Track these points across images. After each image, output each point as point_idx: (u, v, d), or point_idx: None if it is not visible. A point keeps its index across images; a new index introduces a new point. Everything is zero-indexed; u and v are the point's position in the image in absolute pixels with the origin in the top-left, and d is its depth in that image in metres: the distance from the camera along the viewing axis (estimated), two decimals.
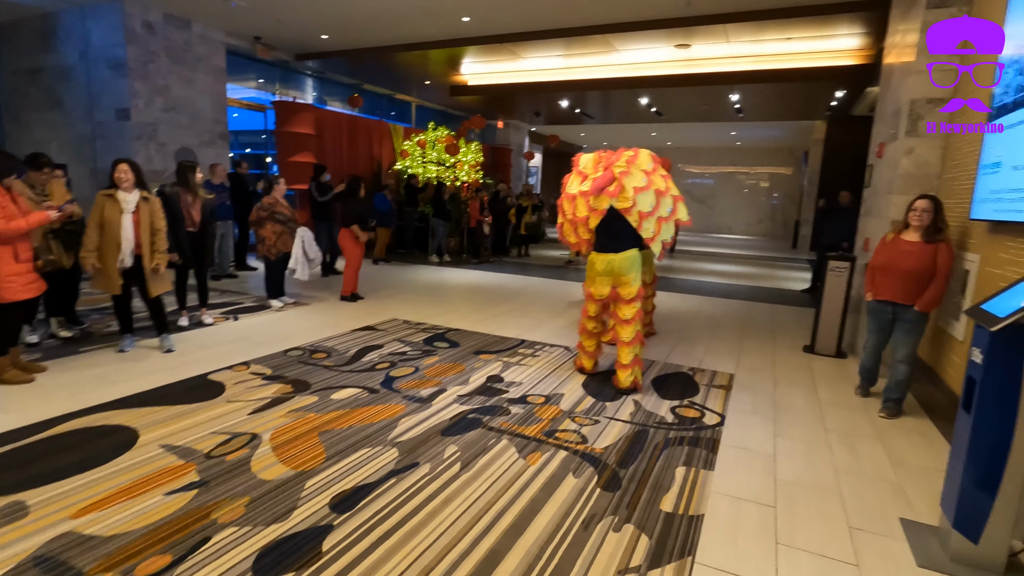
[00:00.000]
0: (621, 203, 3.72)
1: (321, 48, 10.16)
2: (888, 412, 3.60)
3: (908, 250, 3.47)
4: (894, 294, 3.53)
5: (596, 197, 3.78)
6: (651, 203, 3.71)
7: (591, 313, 4.04)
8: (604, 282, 3.84)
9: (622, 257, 3.75)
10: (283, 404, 3.33)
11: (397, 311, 6.05)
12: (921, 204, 3.46)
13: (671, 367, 4.45)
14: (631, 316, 3.80)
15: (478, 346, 4.81)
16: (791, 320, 6.50)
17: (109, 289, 3.97)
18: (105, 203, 3.87)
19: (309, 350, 4.48)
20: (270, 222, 5.71)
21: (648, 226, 3.73)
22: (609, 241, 3.80)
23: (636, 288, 3.79)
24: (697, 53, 9.22)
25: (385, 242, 9.68)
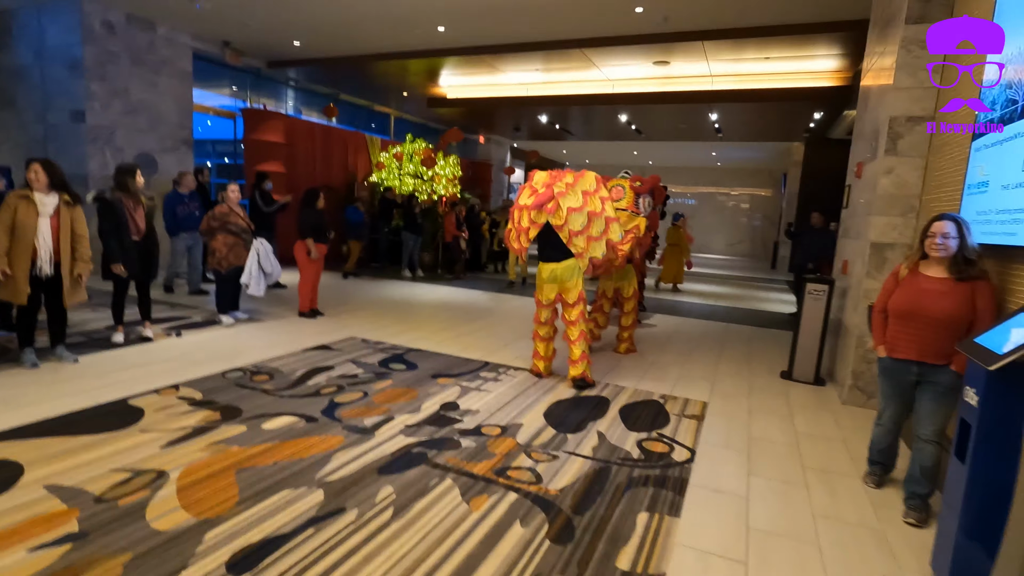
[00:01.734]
0: (555, 220, 4.12)
1: (294, 56, 9.89)
2: (916, 516, 2.55)
3: (934, 289, 2.53)
4: (921, 350, 2.57)
5: (537, 212, 4.17)
6: (582, 223, 4.09)
7: (542, 319, 4.39)
8: (550, 288, 4.28)
9: (563, 266, 4.19)
10: (205, 435, 2.97)
11: (357, 329, 5.71)
12: (940, 227, 2.51)
13: (642, 394, 4.17)
14: (575, 317, 4.23)
15: (437, 369, 4.48)
16: (768, 343, 6.30)
17: (15, 299, 3.59)
18: (19, 205, 3.51)
19: (251, 371, 4.12)
20: (221, 233, 5.36)
21: (578, 243, 4.12)
22: (551, 251, 4.23)
23: (577, 293, 4.21)
24: (676, 71, 9.14)
25: (356, 256, 9.33)
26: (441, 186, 11.83)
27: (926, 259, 2.62)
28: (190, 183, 7.10)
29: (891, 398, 2.79)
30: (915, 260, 2.67)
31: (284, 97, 12.38)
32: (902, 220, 3.97)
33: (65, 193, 3.71)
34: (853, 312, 4.32)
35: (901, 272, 2.72)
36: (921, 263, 2.65)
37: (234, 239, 5.39)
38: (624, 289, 5.35)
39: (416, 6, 7.02)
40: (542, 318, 4.37)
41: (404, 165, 11.59)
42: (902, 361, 2.67)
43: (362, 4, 7.08)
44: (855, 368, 4.17)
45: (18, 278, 3.53)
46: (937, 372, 2.55)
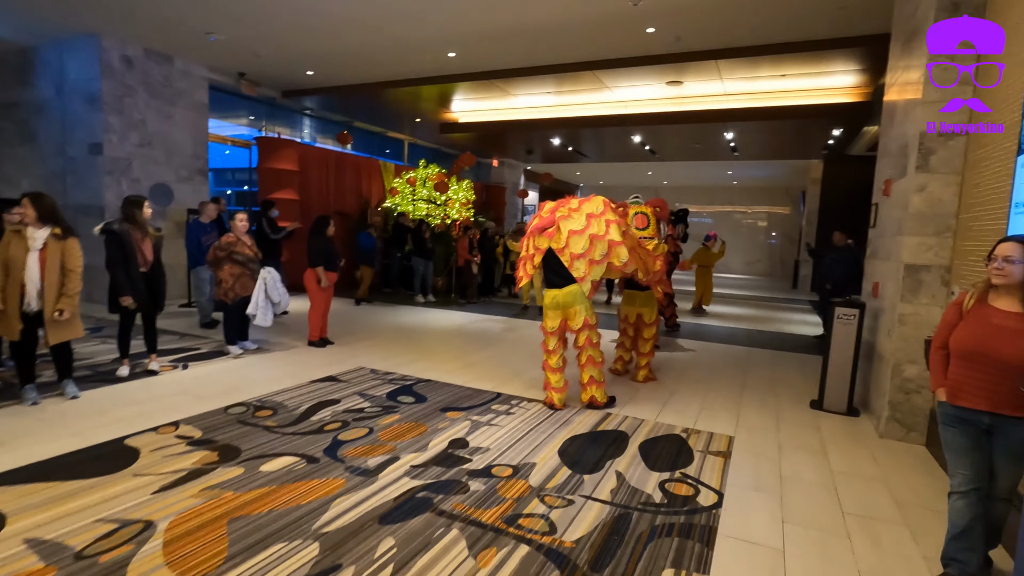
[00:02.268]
0: (556, 244, 4.17)
1: (307, 85, 10.00)
2: None
3: (1006, 326, 2.10)
4: (993, 399, 2.11)
5: (537, 237, 4.25)
6: (583, 246, 4.08)
7: (549, 347, 4.31)
8: (554, 315, 4.23)
9: (565, 292, 4.15)
10: (200, 479, 2.82)
11: (367, 358, 5.57)
12: (1004, 250, 2.13)
13: (662, 428, 3.94)
14: (582, 343, 4.22)
15: (447, 401, 4.30)
16: (794, 368, 6.01)
17: (8, 335, 3.52)
18: (12, 240, 3.46)
19: (255, 406, 3.98)
20: (228, 263, 5.29)
21: (579, 266, 4.11)
22: (554, 277, 4.23)
23: (582, 319, 4.15)
24: (690, 91, 9.03)
25: (368, 282, 9.25)
26: (454, 210, 11.79)
27: (996, 289, 2.19)
28: (212, 212, 7.10)
29: (962, 454, 2.22)
30: (983, 289, 2.23)
31: (300, 125, 12.54)
32: (937, 240, 3.73)
33: (56, 226, 3.66)
34: (887, 338, 4.05)
35: (966, 303, 2.25)
36: (991, 293, 2.21)
37: (240, 269, 5.31)
38: (645, 315, 5.18)
39: (426, 33, 7.03)
40: (549, 346, 4.31)
41: (417, 190, 11.58)
42: (969, 410, 2.19)
43: (372, 33, 7.12)
44: (892, 398, 3.90)
45: (10, 314, 3.47)
46: (1014, 425, 2.10)
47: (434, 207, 11.58)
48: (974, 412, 2.17)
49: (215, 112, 11.59)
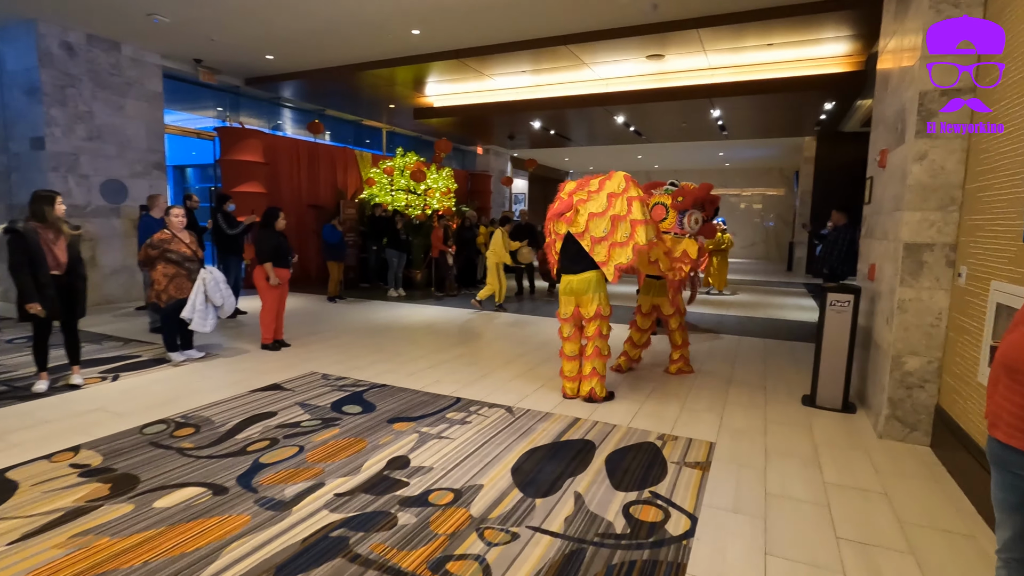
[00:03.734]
0: (574, 228, 3.97)
1: (270, 71, 9.47)
2: None
3: None
4: None
5: (555, 222, 4.09)
6: (605, 228, 3.86)
7: (565, 334, 4.15)
8: (567, 302, 4.08)
9: (580, 279, 3.97)
10: (76, 521, 2.38)
11: (322, 362, 5.13)
12: None
13: (635, 435, 3.51)
14: (591, 333, 4.02)
15: (397, 410, 3.87)
16: (787, 359, 5.58)
17: None
18: None
19: (176, 423, 3.54)
20: (161, 262, 4.82)
21: (600, 250, 3.89)
22: (569, 263, 4.04)
23: (594, 308, 3.95)
24: (672, 65, 8.53)
25: (337, 278, 8.78)
26: (435, 200, 11.30)
27: None
28: (164, 206, 6.60)
29: (1003, 508, 1.55)
30: None
31: (273, 116, 11.99)
32: (940, 215, 3.28)
33: None
34: (886, 326, 3.62)
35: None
36: None
37: (175, 269, 4.84)
38: (663, 306, 4.79)
39: (382, 9, 6.51)
40: (564, 333, 4.16)
41: (395, 180, 11.08)
42: (1008, 448, 1.49)
43: (325, 10, 6.60)
44: (892, 395, 3.47)
45: None
46: None
47: (414, 197, 11.09)
48: (1013, 451, 1.48)
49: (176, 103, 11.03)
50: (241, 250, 7.32)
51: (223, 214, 7.17)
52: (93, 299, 7.86)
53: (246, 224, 7.19)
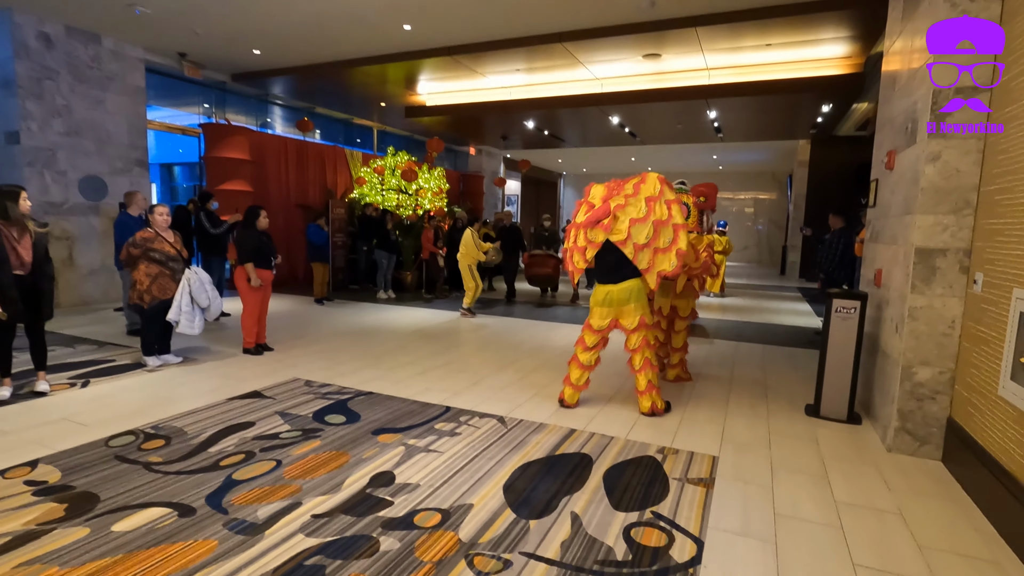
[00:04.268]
0: (615, 236, 3.72)
1: (257, 66, 9.22)
2: None
3: None
4: None
5: (591, 229, 3.78)
6: (648, 234, 3.66)
7: (588, 344, 3.91)
8: (603, 313, 3.84)
9: (620, 288, 3.77)
10: (23, 548, 2.16)
11: (306, 367, 4.91)
12: None
13: (634, 447, 3.33)
14: (637, 344, 3.81)
15: (383, 420, 3.66)
16: (785, 365, 5.44)
17: None
18: None
19: (146, 435, 3.32)
20: (144, 261, 4.59)
21: (643, 257, 3.70)
22: (608, 273, 3.83)
23: (637, 318, 3.77)
24: (669, 66, 8.39)
25: (323, 280, 8.55)
26: (427, 200, 11.09)
27: None
28: (142, 204, 6.34)
29: None
30: None
31: (262, 113, 11.73)
32: (954, 219, 3.13)
33: None
34: (895, 335, 3.47)
35: None
36: None
37: (158, 268, 4.62)
38: (681, 308, 4.68)
39: (372, 3, 6.32)
40: (588, 343, 3.91)
41: (386, 180, 10.86)
42: None
43: (312, 4, 6.39)
44: (902, 406, 3.32)
45: None
46: None
47: (405, 197, 10.87)
48: None
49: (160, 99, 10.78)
50: (225, 250, 7.07)
51: (206, 213, 6.93)
52: (70, 300, 7.61)
53: (230, 223, 6.95)
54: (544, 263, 9.20)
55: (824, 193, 13.73)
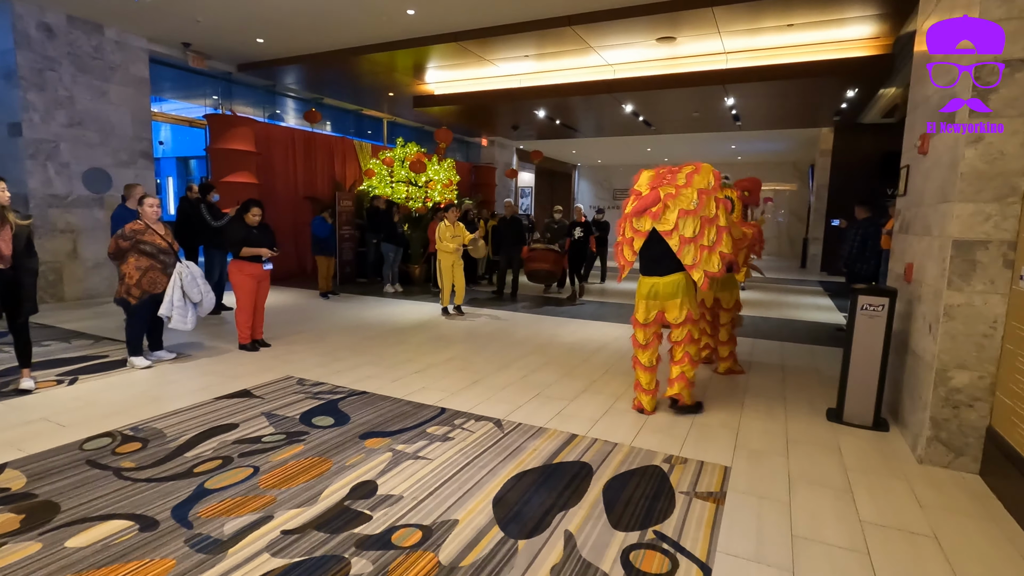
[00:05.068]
0: (662, 226, 3.54)
1: (262, 56, 9.07)
2: None
3: None
4: None
5: (639, 218, 3.62)
6: (695, 229, 3.47)
7: (640, 341, 3.72)
8: (649, 306, 3.65)
9: (667, 281, 3.59)
10: None
11: (301, 364, 4.74)
12: None
13: (639, 456, 3.08)
14: (681, 338, 3.67)
15: (373, 423, 3.47)
16: (806, 365, 5.13)
17: None
18: None
19: (123, 437, 3.17)
20: (133, 254, 4.45)
21: (688, 252, 3.49)
22: (653, 264, 3.64)
23: (684, 313, 3.59)
24: (684, 50, 8.04)
25: (328, 273, 8.40)
26: (436, 192, 10.88)
27: None
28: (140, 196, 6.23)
29: None
30: None
31: (270, 104, 11.61)
32: (998, 207, 2.82)
33: None
34: (928, 335, 3.16)
35: None
36: None
37: (149, 262, 4.47)
38: (724, 300, 4.55)
39: None
40: (640, 340, 3.71)
41: (395, 171, 10.67)
42: None
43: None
44: (935, 414, 3.02)
45: None
46: None
47: (415, 189, 10.68)
48: None
49: (167, 91, 10.73)
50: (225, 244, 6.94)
51: (207, 205, 6.79)
52: (74, 293, 7.57)
53: (231, 216, 6.81)
54: (544, 257, 8.72)
55: (848, 183, 13.21)
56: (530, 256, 8.75)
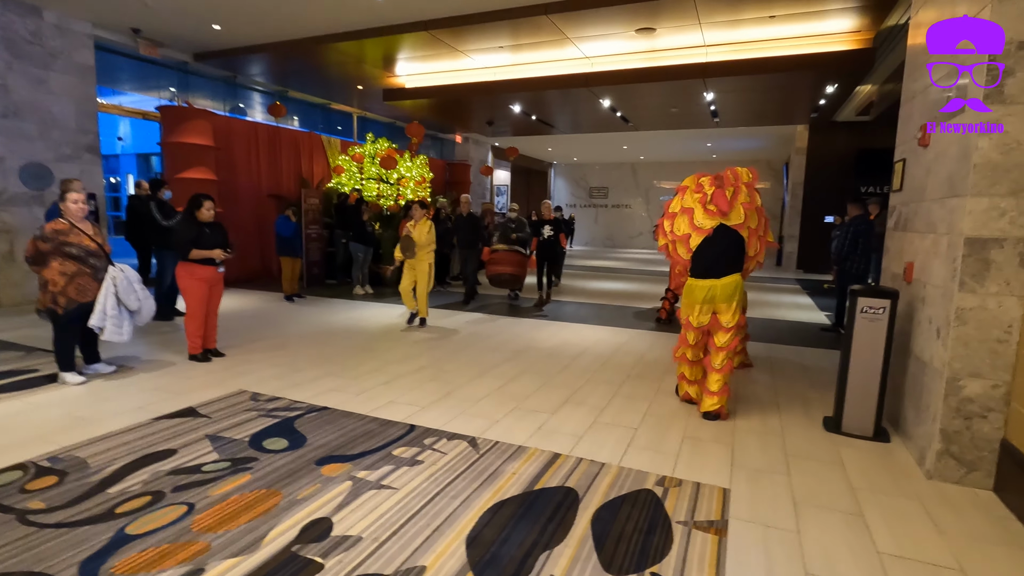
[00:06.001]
0: (732, 219, 3.51)
1: (220, 44, 8.54)
2: None
3: None
4: None
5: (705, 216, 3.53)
6: (756, 220, 3.61)
7: (691, 342, 3.68)
8: (705, 310, 3.56)
9: (725, 283, 3.50)
10: None
11: (258, 376, 4.33)
12: None
13: (628, 478, 2.79)
14: (725, 343, 3.54)
15: (334, 445, 3.10)
16: (794, 367, 4.92)
17: None
18: None
19: (39, 468, 2.73)
20: (56, 258, 3.96)
21: (754, 244, 3.64)
22: (711, 266, 3.54)
23: (738, 315, 3.52)
24: (663, 43, 7.81)
25: (293, 275, 7.93)
26: (409, 190, 10.47)
27: None
28: None
29: None
30: None
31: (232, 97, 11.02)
32: (1015, 202, 2.60)
33: None
34: (935, 340, 2.94)
35: None
36: None
37: (75, 266, 3.99)
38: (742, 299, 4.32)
39: None
40: (691, 340, 3.67)
41: (365, 168, 10.22)
42: None
43: None
44: (946, 426, 2.80)
45: None
46: None
47: (386, 187, 10.24)
48: None
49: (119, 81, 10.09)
50: None
51: (157, 203, 6.29)
52: (12, 299, 6.96)
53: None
54: (506, 260, 7.66)
55: (823, 182, 13.26)
56: (492, 258, 7.75)
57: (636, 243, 23.08)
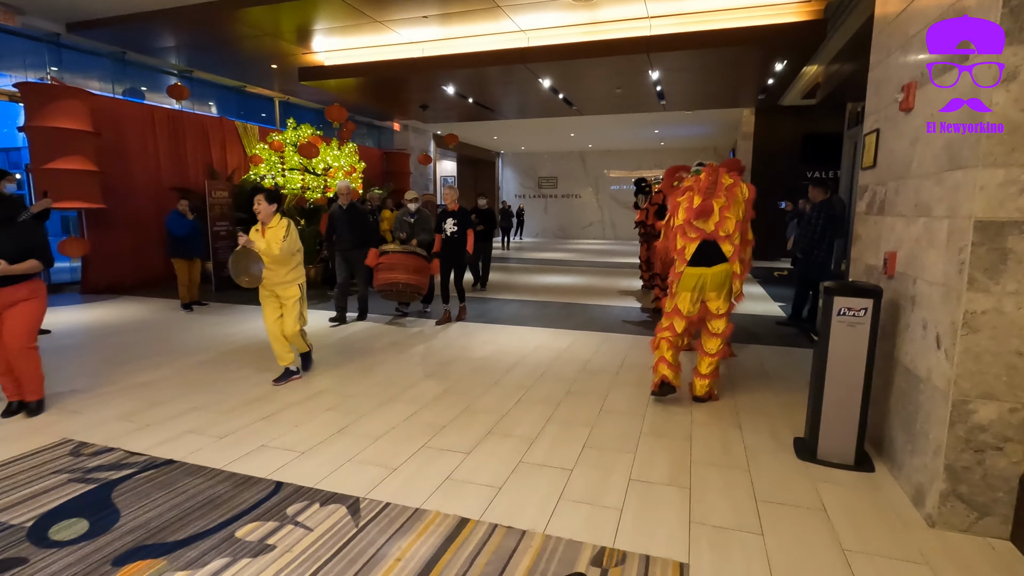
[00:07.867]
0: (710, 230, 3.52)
1: (97, 12, 7.29)
2: None
3: None
4: None
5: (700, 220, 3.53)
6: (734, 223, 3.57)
7: (678, 330, 3.60)
8: (695, 298, 3.56)
9: (715, 271, 3.51)
10: None
11: (96, 416, 3.38)
12: None
13: (555, 552, 2.06)
14: (720, 329, 3.60)
15: (153, 526, 2.24)
16: (753, 372, 4.35)
17: None
18: None
19: None
20: None
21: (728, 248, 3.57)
22: (702, 255, 3.53)
23: (728, 304, 3.60)
24: (605, 14, 7.13)
25: (191, 279, 6.86)
26: (337, 180, 9.44)
27: None
28: None
29: None
30: None
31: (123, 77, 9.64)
32: None
33: None
34: (934, 351, 2.34)
35: None
36: None
37: None
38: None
39: None
40: (679, 329, 3.60)
41: (288, 157, 9.14)
42: None
43: None
44: (952, 460, 2.20)
45: None
46: None
47: (312, 178, 9.20)
48: None
49: None
50: None
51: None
52: None
53: (34, 212, 5.18)
54: (399, 264, 5.84)
55: (769, 167, 13.02)
56: (380, 263, 5.90)
57: (587, 233, 22.63)
